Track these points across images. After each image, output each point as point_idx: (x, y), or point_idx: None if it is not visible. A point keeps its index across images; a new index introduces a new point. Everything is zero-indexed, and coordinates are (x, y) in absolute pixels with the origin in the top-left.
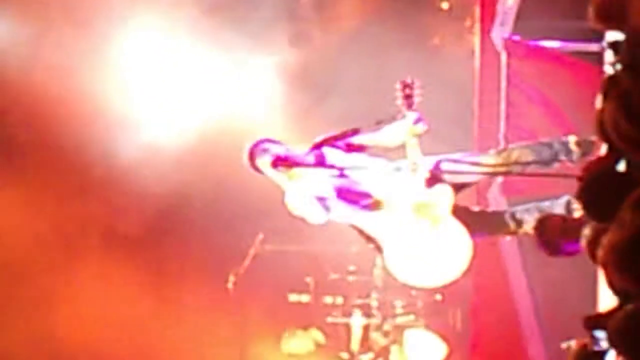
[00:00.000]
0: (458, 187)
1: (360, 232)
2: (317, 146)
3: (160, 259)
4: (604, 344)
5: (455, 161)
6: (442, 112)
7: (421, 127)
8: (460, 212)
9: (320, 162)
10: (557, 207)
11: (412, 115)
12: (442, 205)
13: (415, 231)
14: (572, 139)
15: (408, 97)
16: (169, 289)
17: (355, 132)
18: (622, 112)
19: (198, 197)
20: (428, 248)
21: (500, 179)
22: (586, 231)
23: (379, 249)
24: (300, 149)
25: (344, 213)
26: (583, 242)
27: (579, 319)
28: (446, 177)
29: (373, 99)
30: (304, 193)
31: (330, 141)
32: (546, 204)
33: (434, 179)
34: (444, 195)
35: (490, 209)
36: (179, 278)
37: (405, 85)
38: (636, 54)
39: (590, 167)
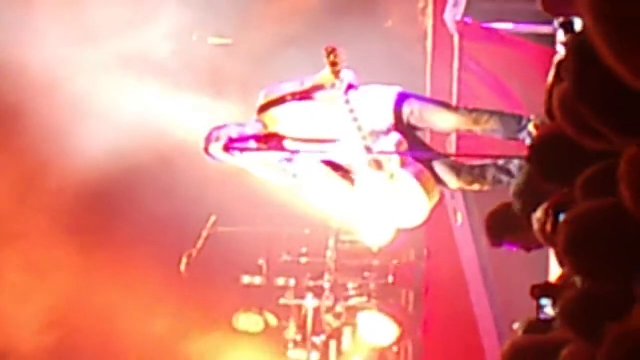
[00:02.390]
0: (411, 129)
1: (334, 166)
2: (263, 110)
3: (113, 242)
4: (549, 312)
5: (422, 100)
6: None
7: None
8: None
9: (273, 144)
10: (513, 166)
11: (342, 84)
12: (392, 158)
13: (375, 183)
14: (533, 120)
15: (334, 65)
16: (121, 272)
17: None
18: (569, 95)
19: (151, 179)
20: (388, 199)
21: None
22: (538, 215)
23: (353, 181)
24: (249, 121)
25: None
26: (535, 226)
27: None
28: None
29: None
30: (267, 162)
31: (274, 104)
32: (500, 162)
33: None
34: (392, 147)
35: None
36: (132, 260)
37: (330, 52)
38: (583, 39)
39: (542, 132)
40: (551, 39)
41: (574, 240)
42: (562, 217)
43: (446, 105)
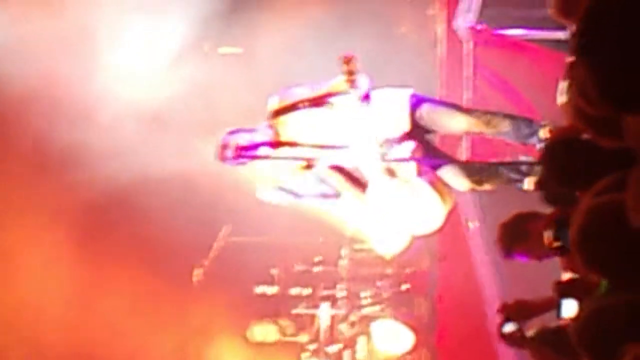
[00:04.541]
0: (424, 132)
1: (347, 175)
2: (275, 115)
3: (124, 253)
4: (568, 313)
5: (433, 103)
6: None
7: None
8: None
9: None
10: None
11: (358, 92)
12: (407, 165)
13: (389, 191)
14: (545, 126)
15: (350, 73)
16: (133, 283)
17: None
18: (580, 99)
19: (164, 189)
20: (403, 205)
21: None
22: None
23: (364, 187)
24: (260, 126)
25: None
26: (545, 236)
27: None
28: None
29: None
30: (275, 178)
31: (286, 110)
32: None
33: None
34: (407, 154)
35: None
36: (145, 271)
37: (347, 61)
38: (587, 41)
39: (556, 133)
40: (564, 44)
41: (584, 234)
42: (561, 232)
43: (458, 107)
